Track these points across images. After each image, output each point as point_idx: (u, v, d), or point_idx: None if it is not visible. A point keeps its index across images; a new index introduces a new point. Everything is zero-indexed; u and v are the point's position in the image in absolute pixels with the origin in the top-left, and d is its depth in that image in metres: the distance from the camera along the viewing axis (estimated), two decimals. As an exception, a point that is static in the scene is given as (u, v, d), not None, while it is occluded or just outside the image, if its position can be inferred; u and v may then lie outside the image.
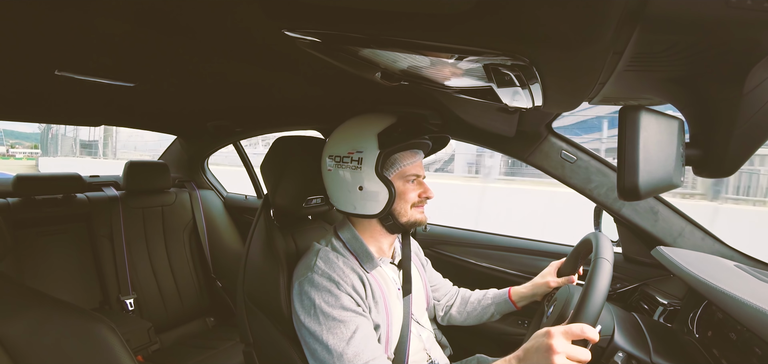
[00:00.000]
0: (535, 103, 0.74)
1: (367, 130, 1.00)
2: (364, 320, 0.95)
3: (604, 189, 1.35)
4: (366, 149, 0.99)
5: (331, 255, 1.01)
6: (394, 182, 1.02)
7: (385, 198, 0.99)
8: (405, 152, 1.05)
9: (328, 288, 0.94)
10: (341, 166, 1.02)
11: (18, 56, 0.93)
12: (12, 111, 1.73)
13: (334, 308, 0.93)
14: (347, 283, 0.96)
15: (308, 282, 0.97)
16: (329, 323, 0.92)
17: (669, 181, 0.54)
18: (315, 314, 0.93)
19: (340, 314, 0.92)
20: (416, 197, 1.05)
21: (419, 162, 1.08)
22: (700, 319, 1.01)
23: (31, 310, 0.80)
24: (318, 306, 0.93)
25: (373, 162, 0.98)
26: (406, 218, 1.04)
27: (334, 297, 0.94)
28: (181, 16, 0.70)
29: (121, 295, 2.09)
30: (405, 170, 1.04)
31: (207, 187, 2.77)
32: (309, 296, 0.95)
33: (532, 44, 0.47)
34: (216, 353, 1.99)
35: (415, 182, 1.06)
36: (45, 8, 0.67)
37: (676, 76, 0.62)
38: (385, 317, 1.01)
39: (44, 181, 2.00)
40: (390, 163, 1.03)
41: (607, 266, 0.86)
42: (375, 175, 0.98)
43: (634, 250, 1.42)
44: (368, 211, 1.02)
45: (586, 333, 0.77)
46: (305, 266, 1.01)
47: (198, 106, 1.69)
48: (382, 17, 0.48)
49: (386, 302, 1.03)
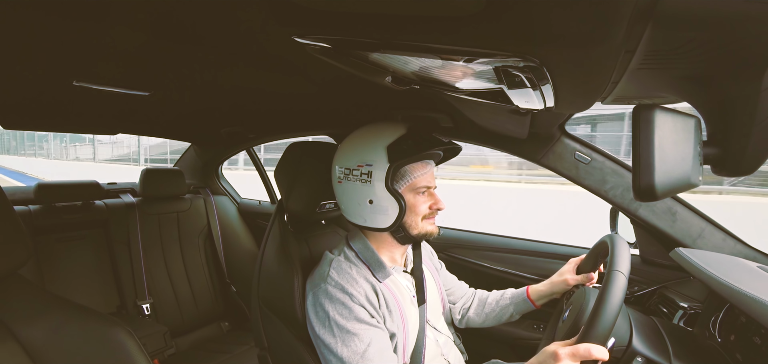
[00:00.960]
0: (546, 105, 0.73)
1: (376, 143, 0.99)
2: (378, 332, 0.95)
3: (619, 190, 1.32)
4: (375, 162, 0.98)
5: (343, 265, 1.00)
6: (405, 195, 1.01)
7: (395, 212, 0.98)
8: (415, 164, 1.03)
9: (342, 300, 0.94)
10: (350, 178, 1.01)
11: (38, 68, 0.96)
12: (32, 121, 1.78)
13: (348, 320, 0.93)
14: (361, 294, 0.96)
15: (322, 293, 0.97)
16: (343, 335, 0.92)
17: (686, 180, 0.53)
18: (329, 326, 0.93)
19: (353, 326, 0.92)
20: (427, 209, 1.04)
21: (430, 173, 1.06)
22: (722, 322, 0.98)
23: (51, 314, 0.82)
24: (332, 318, 0.93)
25: (382, 176, 0.97)
26: (417, 230, 1.03)
27: (347, 309, 0.94)
28: (194, 25, 0.71)
29: (138, 300, 2.13)
30: (415, 182, 1.02)
31: (221, 193, 2.81)
32: (323, 307, 0.95)
33: (543, 44, 0.46)
34: (230, 358, 2.01)
35: (426, 194, 1.04)
36: (64, 20, 0.69)
37: (692, 73, 0.61)
38: (402, 325, 1.01)
39: (64, 188, 2.05)
40: (400, 175, 1.02)
41: (622, 279, 0.83)
42: (385, 189, 0.97)
43: (651, 251, 1.39)
44: (378, 224, 1.01)
45: (592, 354, 0.76)
46: (319, 276, 1.01)
47: (211, 114, 1.72)
48: (391, 21, 0.48)
49: (401, 310, 1.02)
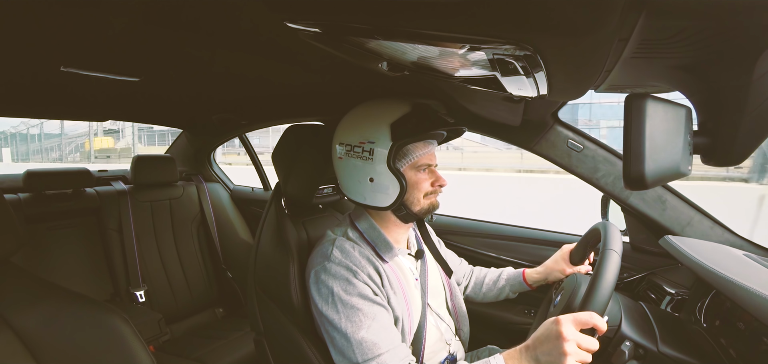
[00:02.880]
0: (540, 92, 0.73)
1: (380, 120, 0.97)
2: (382, 310, 0.94)
3: (611, 178, 1.33)
4: (378, 140, 0.96)
5: (346, 245, 0.99)
6: (406, 173, 1.00)
7: (396, 191, 0.97)
8: (418, 143, 1.01)
9: (346, 276, 0.94)
10: (352, 155, 1.00)
11: (24, 53, 0.94)
12: (19, 108, 1.75)
13: (351, 296, 0.92)
14: (364, 272, 0.95)
15: (324, 271, 0.96)
16: (347, 311, 0.91)
17: (676, 170, 0.54)
18: (333, 302, 0.93)
19: (357, 301, 0.92)
20: (429, 186, 1.03)
21: (432, 151, 1.05)
22: (708, 308, 1.01)
23: (46, 302, 0.82)
24: (336, 294, 0.93)
25: (384, 154, 0.95)
26: (418, 206, 1.02)
27: (351, 286, 0.93)
28: (185, 9, 0.70)
29: (132, 287, 2.12)
30: (417, 161, 1.01)
31: (214, 179, 2.79)
32: (326, 284, 0.95)
33: (536, 32, 0.46)
34: (226, 343, 2.02)
35: (427, 171, 1.03)
36: (52, 4, 0.67)
37: (684, 63, 0.61)
38: (406, 307, 1.01)
39: (54, 176, 2.02)
40: (402, 153, 1.00)
41: (616, 257, 0.86)
42: (386, 168, 0.95)
43: (641, 239, 1.41)
44: (378, 203, 1.00)
45: (594, 321, 0.77)
46: (321, 255, 1.00)
47: (203, 100, 1.70)
48: (383, 6, 0.47)
49: (405, 292, 1.02)
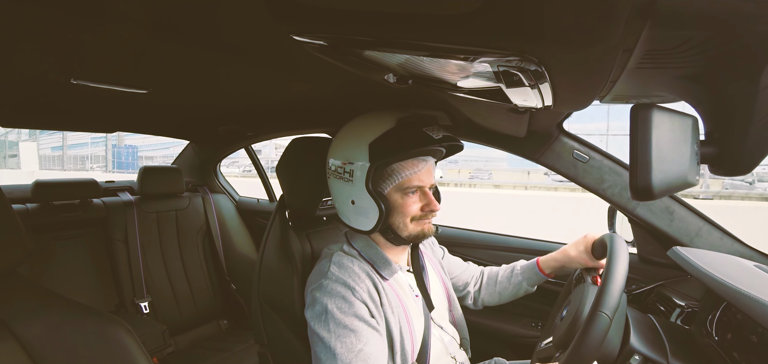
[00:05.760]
0: (545, 103, 0.73)
1: (361, 139, 0.92)
2: (375, 336, 0.89)
3: (617, 189, 1.32)
4: (356, 161, 0.91)
5: (345, 259, 0.96)
6: (391, 196, 0.94)
7: (375, 216, 0.91)
8: (405, 161, 0.94)
9: (343, 294, 0.89)
10: (335, 176, 0.97)
11: (36, 65, 0.96)
12: (29, 119, 1.78)
13: (346, 315, 0.87)
14: (362, 289, 0.91)
15: (320, 289, 0.91)
16: (340, 330, 0.86)
17: (684, 180, 0.53)
18: (325, 320, 0.88)
19: (352, 322, 0.87)
20: (418, 211, 0.96)
21: (425, 171, 0.96)
22: (719, 321, 0.99)
23: (50, 312, 0.82)
24: (330, 311, 0.88)
25: (363, 176, 0.90)
26: (406, 232, 0.96)
27: (347, 304, 0.88)
28: (193, 23, 0.71)
29: (136, 298, 2.12)
30: (404, 182, 0.94)
31: (219, 191, 2.80)
32: (321, 301, 0.90)
33: (540, 43, 0.46)
34: (229, 356, 2.01)
35: (417, 194, 0.96)
36: (62, 16, 0.68)
37: (690, 72, 0.61)
38: (407, 325, 0.96)
39: (62, 186, 2.05)
40: (387, 173, 0.94)
41: (605, 321, 0.77)
42: (365, 190, 0.90)
43: (649, 250, 1.39)
44: (360, 226, 0.96)
45: None
46: (318, 273, 0.96)
47: (209, 112, 1.72)
48: (388, 19, 0.48)
49: (405, 309, 0.98)
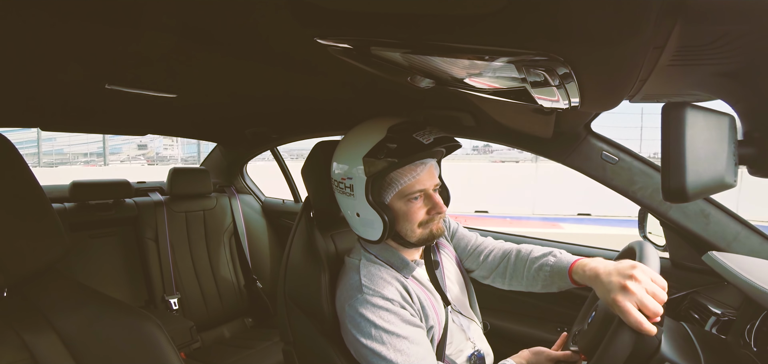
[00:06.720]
0: (571, 104, 0.71)
1: (355, 153, 0.92)
2: (422, 333, 0.92)
3: (649, 191, 1.28)
4: (354, 176, 0.92)
5: (372, 269, 0.95)
6: (395, 204, 0.94)
7: (380, 227, 0.91)
8: (403, 168, 0.92)
9: (384, 306, 0.89)
10: (338, 189, 0.98)
11: (74, 73, 1.01)
12: (66, 123, 1.88)
13: (394, 325, 0.88)
14: (397, 294, 0.92)
15: (360, 304, 0.90)
16: (393, 340, 0.87)
17: (720, 181, 0.51)
18: (378, 335, 0.87)
19: (403, 329, 0.88)
20: (424, 215, 0.95)
21: (426, 173, 0.94)
22: (759, 331, 0.94)
23: (87, 307, 0.86)
24: (379, 326, 0.87)
25: (362, 190, 0.90)
26: (415, 237, 0.96)
27: (391, 314, 0.89)
28: (220, 29, 0.73)
29: (166, 295, 2.20)
30: (405, 189, 0.92)
31: (246, 191, 2.87)
32: (365, 317, 0.89)
33: (565, 41, 0.45)
34: (254, 353, 2.05)
35: (421, 199, 0.95)
36: (99, 27, 0.72)
37: (726, 69, 0.58)
38: (435, 316, 0.97)
39: (97, 187, 2.15)
40: (387, 183, 0.93)
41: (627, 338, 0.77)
42: (367, 203, 0.90)
43: (682, 255, 1.33)
44: (369, 237, 0.97)
45: None
46: (352, 288, 0.94)
47: (236, 115, 1.76)
48: (411, 21, 0.48)
49: (431, 301, 0.99)
